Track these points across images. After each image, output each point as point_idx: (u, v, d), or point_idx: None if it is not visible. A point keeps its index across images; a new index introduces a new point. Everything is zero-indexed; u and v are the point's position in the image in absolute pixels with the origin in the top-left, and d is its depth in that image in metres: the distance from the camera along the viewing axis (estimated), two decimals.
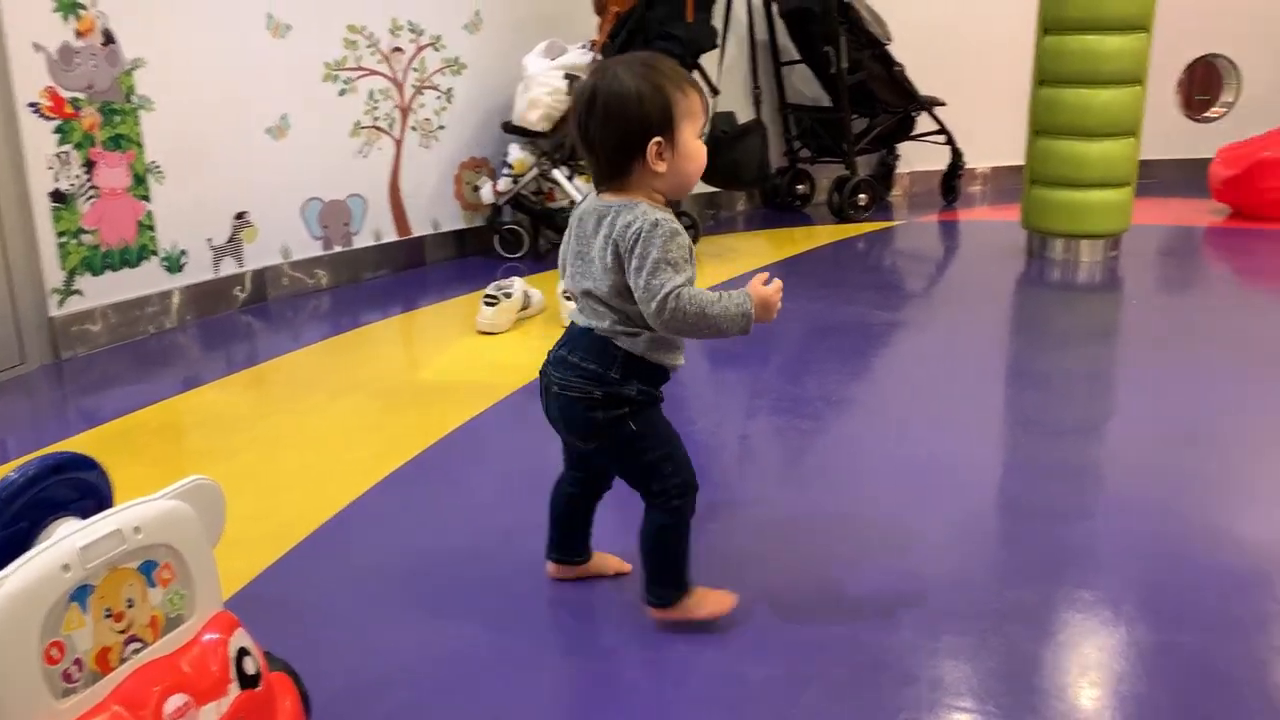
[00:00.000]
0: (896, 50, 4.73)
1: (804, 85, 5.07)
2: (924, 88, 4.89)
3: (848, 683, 1.31)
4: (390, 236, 3.80)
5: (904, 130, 5.01)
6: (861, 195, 4.70)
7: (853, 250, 4.19)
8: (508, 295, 2.97)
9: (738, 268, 3.79)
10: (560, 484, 1.56)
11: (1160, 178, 5.55)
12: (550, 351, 1.42)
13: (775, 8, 4.75)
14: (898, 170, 5.37)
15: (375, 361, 2.81)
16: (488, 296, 2.95)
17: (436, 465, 2.05)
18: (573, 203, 3.76)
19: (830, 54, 4.54)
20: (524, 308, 3.05)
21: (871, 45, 4.63)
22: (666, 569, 1.43)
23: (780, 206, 5.08)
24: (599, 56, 3.61)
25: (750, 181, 4.34)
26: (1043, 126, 3.68)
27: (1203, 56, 5.66)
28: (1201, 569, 1.58)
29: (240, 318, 3.25)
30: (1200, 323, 3.09)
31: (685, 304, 1.29)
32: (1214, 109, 5.80)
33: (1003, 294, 3.50)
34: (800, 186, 5.10)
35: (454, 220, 4.02)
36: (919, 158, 5.38)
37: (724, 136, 4.05)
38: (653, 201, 1.35)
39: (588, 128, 1.33)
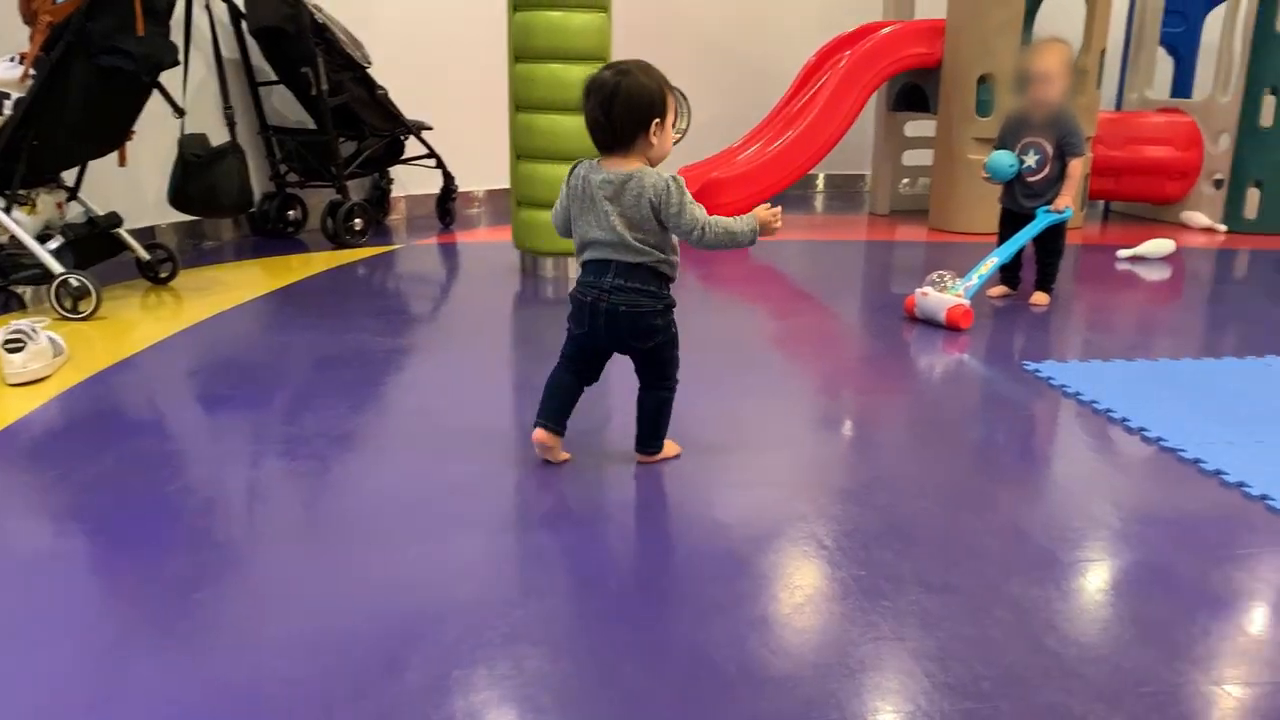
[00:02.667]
0: (380, 75, 4.69)
1: (285, 107, 4.85)
2: (415, 112, 4.90)
3: None
4: None
5: (394, 154, 4.99)
6: (356, 220, 4.60)
7: (352, 276, 4.08)
8: (30, 336, 2.50)
9: (228, 300, 3.51)
10: (561, 374, 2.08)
11: None
12: (591, 288, 1.95)
13: (245, 25, 4.48)
14: (393, 194, 5.34)
15: None
16: (8, 341, 2.46)
17: None
18: (13, 238, 3.23)
19: (309, 75, 4.38)
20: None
21: (351, 68, 4.54)
22: (660, 430, 2.09)
23: (272, 233, 4.81)
24: (32, 72, 3.14)
25: (231, 207, 4.04)
26: (523, 151, 3.84)
27: None
28: (688, 557, 1.70)
29: None
30: (681, 324, 3.40)
31: (715, 226, 1.92)
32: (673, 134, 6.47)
33: (501, 313, 3.59)
34: (291, 212, 4.87)
35: None
36: (414, 181, 5.39)
37: (196, 161, 3.73)
38: (647, 165, 1.92)
39: (611, 109, 1.86)
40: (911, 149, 5.83)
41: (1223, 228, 5.31)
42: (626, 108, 1.86)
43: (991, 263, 3.44)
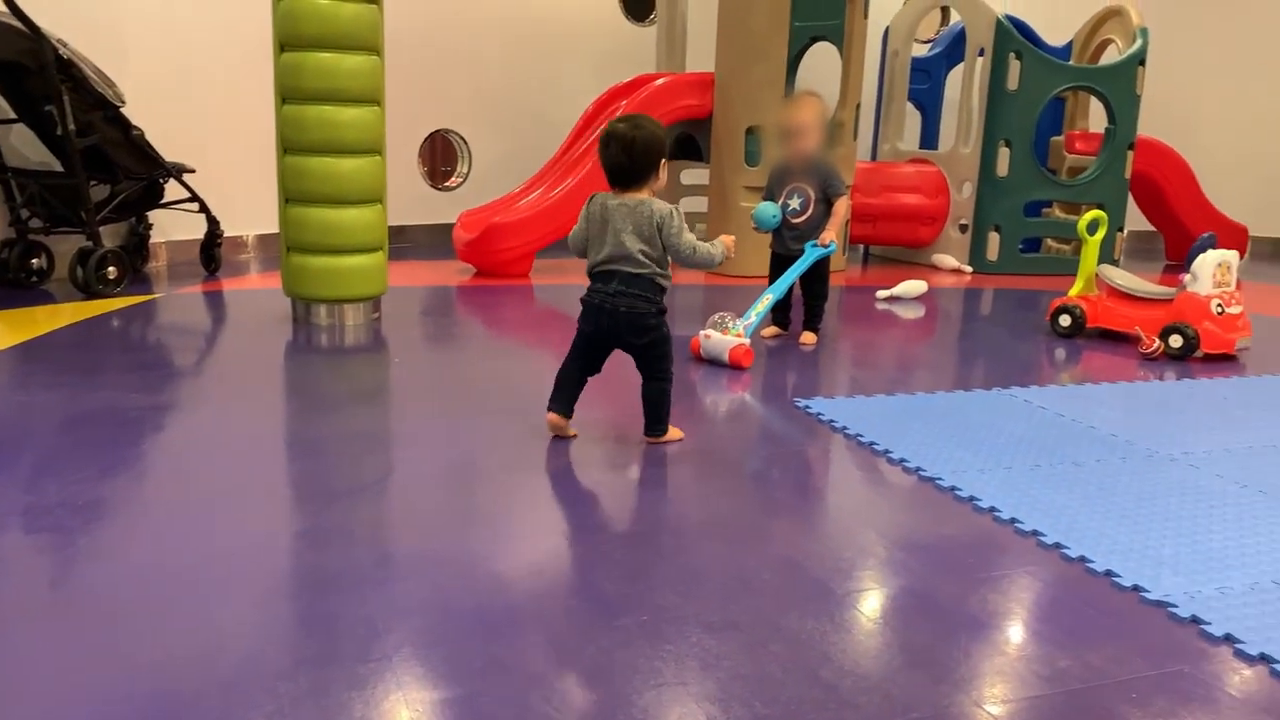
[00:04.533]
0: (136, 115, 4.41)
1: (27, 147, 4.47)
2: (176, 154, 4.63)
3: None
4: None
5: (152, 198, 4.69)
6: (110, 268, 4.28)
7: (106, 329, 3.78)
8: None
9: None
10: (569, 367, 2.55)
11: (413, 242, 5.98)
12: (598, 293, 2.44)
13: None
14: (152, 240, 5.01)
15: None
16: None
17: None
18: None
19: (53, 114, 4.06)
20: None
21: (102, 106, 4.24)
22: (663, 415, 2.53)
23: (12, 284, 4.40)
24: None
25: None
26: (293, 194, 3.70)
27: (438, 131, 6.23)
28: (468, 615, 1.65)
29: None
30: (459, 374, 3.35)
31: (701, 249, 2.44)
32: (453, 179, 6.42)
33: (271, 364, 3.42)
34: (34, 260, 4.47)
35: None
36: (177, 226, 5.08)
37: None
38: (652, 195, 2.43)
39: (633, 153, 2.37)
40: (689, 195, 6.00)
41: (969, 269, 5.76)
42: (645, 151, 2.39)
43: (767, 299, 3.59)
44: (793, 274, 3.67)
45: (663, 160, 2.43)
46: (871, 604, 1.75)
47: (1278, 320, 4.68)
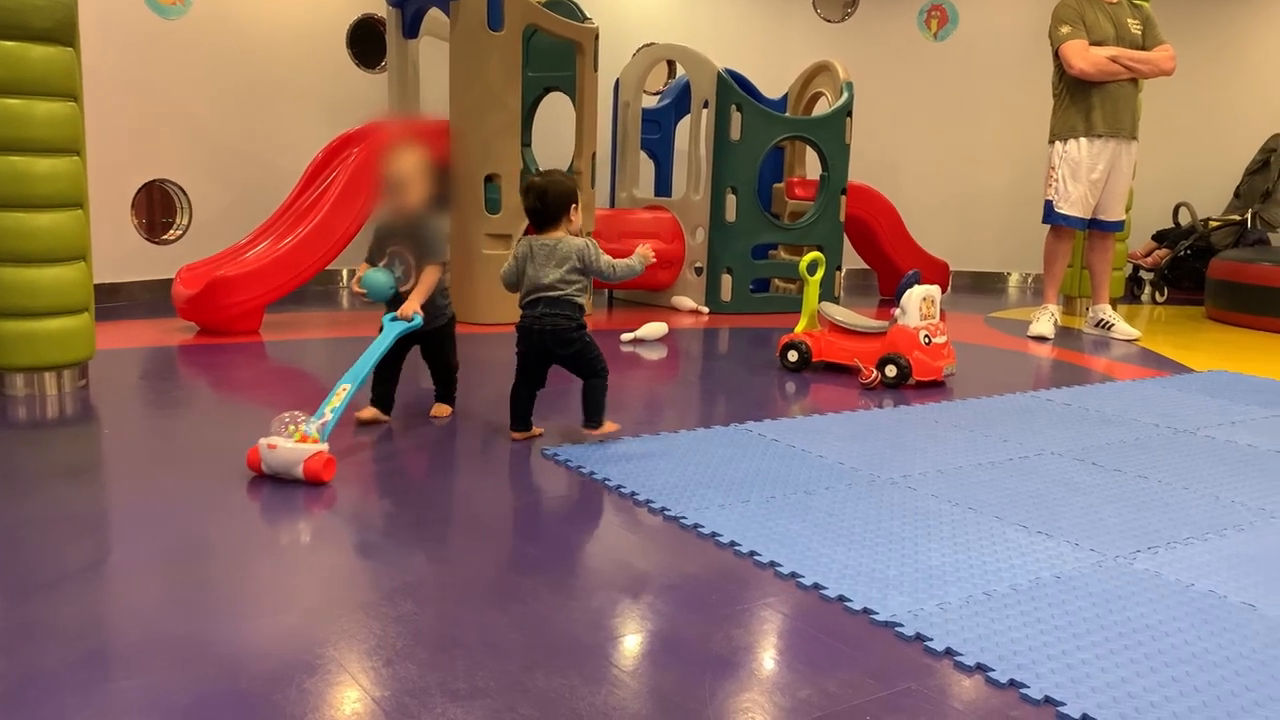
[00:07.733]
0: None
1: None
2: None
3: None
4: None
5: None
6: None
7: None
8: None
9: None
10: (518, 389, 3.05)
11: (129, 300, 5.55)
12: (528, 317, 2.95)
13: None
14: None
15: None
16: None
17: None
18: None
19: None
20: None
21: None
22: (599, 408, 3.02)
23: None
24: None
25: None
26: None
27: (154, 181, 5.83)
28: (190, 711, 1.51)
29: None
30: (181, 443, 3.10)
31: (620, 265, 3.02)
32: (171, 231, 6.01)
33: None
34: None
35: None
36: None
37: None
38: (568, 234, 3.00)
39: (546, 199, 2.96)
40: None
41: (705, 310, 5.99)
42: (556, 197, 2.95)
43: (344, 390, 2.90)
44: (374, 354, 3.05)
45: (573, 204, 2.96)
46: (620, 652, 1.74)
47: (978, 347, 5.16)
